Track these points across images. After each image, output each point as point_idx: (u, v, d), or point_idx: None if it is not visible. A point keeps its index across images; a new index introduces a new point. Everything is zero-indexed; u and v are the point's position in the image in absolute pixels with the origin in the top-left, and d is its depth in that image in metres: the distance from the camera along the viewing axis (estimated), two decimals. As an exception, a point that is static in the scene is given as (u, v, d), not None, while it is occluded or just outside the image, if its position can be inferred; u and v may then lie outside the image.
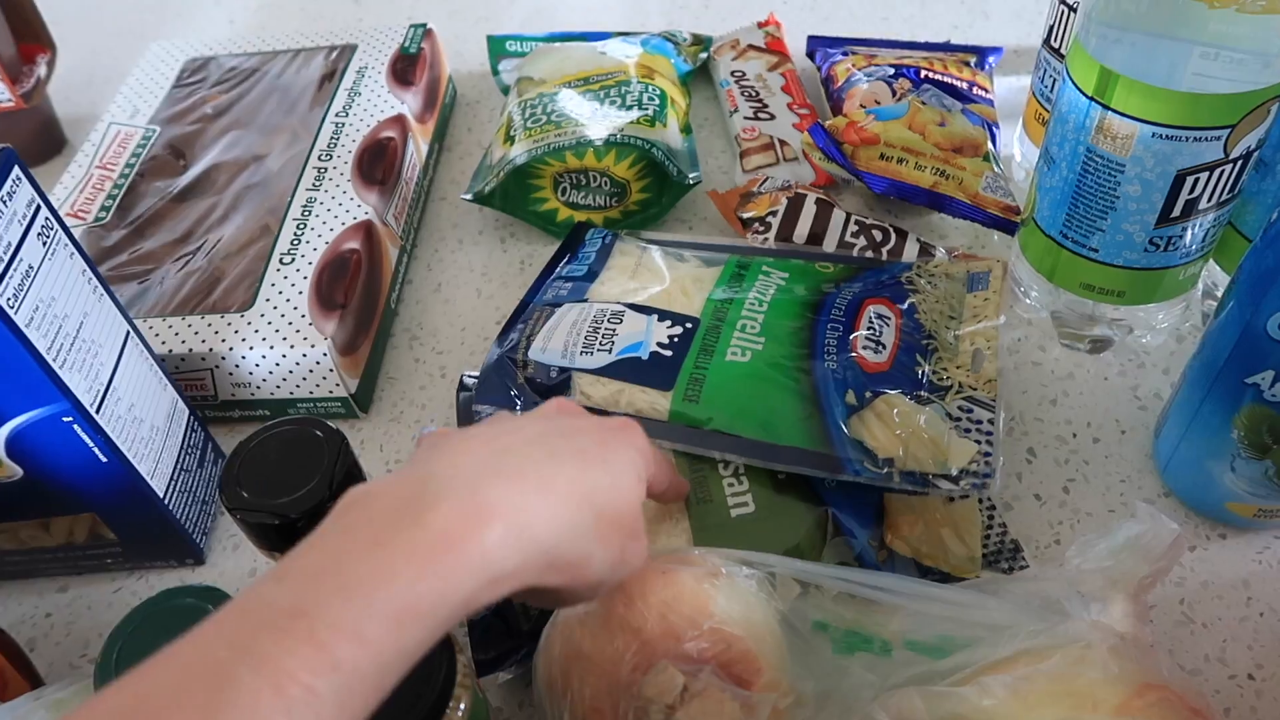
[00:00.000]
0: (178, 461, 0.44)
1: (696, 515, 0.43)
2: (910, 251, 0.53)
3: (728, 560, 0.37)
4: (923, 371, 0.45)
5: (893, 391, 0.44)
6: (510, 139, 0.59)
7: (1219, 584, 0.42)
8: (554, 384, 0.46)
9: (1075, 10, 0.50)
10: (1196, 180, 0.41)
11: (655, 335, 0.47)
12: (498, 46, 0.71)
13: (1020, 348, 0.52)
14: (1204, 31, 0.37)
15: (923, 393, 0.44)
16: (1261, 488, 0.41)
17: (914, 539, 0.42)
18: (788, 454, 0.42)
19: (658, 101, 0.60)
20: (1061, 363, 0.51)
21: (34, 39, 0.68)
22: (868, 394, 0.44)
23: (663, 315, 0.48)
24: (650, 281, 0.51)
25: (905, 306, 0.48)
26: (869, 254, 0.54)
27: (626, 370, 0.45)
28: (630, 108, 0.59)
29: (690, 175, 0.57)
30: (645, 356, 0.46)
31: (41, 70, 0.68)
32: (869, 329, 0.46)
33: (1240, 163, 0.41)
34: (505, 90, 0.70)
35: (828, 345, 0.46)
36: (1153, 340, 0.51)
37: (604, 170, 0.57)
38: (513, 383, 0.47)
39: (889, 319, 0.47)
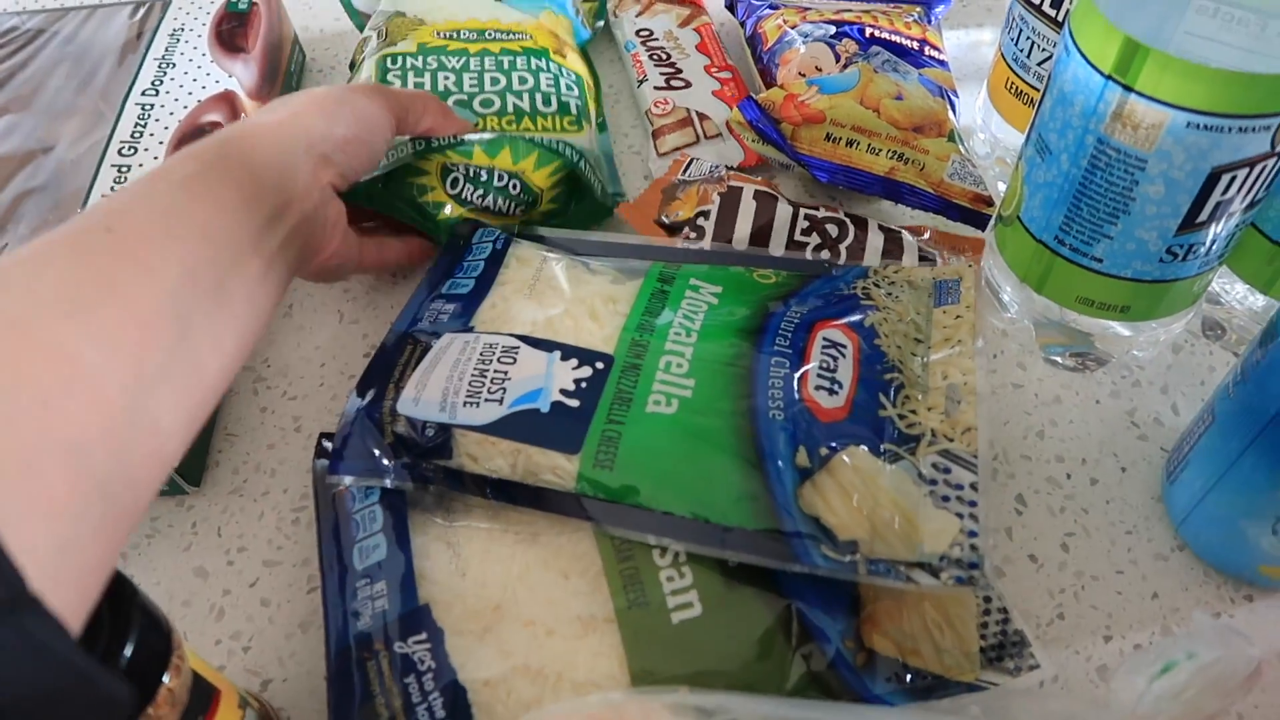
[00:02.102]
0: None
1: (629, 623, 0.33)
2: (874, 245, 0.44)
3: (676, 712, 0.28)
4: (889, 415, 0.36)
5: (853, 445, 0.35)
6: None
7: (1251, 660, 0.35)
8: (431, 445, 0.36)
9: (1061, -42, 0.41)
10: (1234, 179, 0.33)
11: (558, 380, 0.36)
12: None
13: (998, 365, 0.44)
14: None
15: (889, 444, 0.35)
16: (1308, 552, 0.34)
17: (898, 633, 0.34)
18: (726, 536, 0.33)
19: (577, 92, 0.49)
20: (1046, 384, 0.43)
21: None
22: (822, 451, 0.35)
23: (567, 352, 0.37)
24: (552, 302, 0.41)
25: (864, 329, 0.39)
26: (824, 253, 0.44)
27: (522, 427, 0.35)
28: (548, 96, 0.48)
29: (613, 195, 0.48)
30: (545, 408, 0.35)
31: None
32: (822, 363, 0.37)
33: (1283, 156, 0.33)
34: (360, 25, 0.57)
35: (772, 386, 0.36)
36: (1147, 354, 0.43)
37: (518, 174, 0.45)
38: (378, 445, 0.36)
39: (845, 348, 0.38)
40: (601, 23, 0.59)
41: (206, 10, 0.52)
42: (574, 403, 0.36)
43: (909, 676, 0.33)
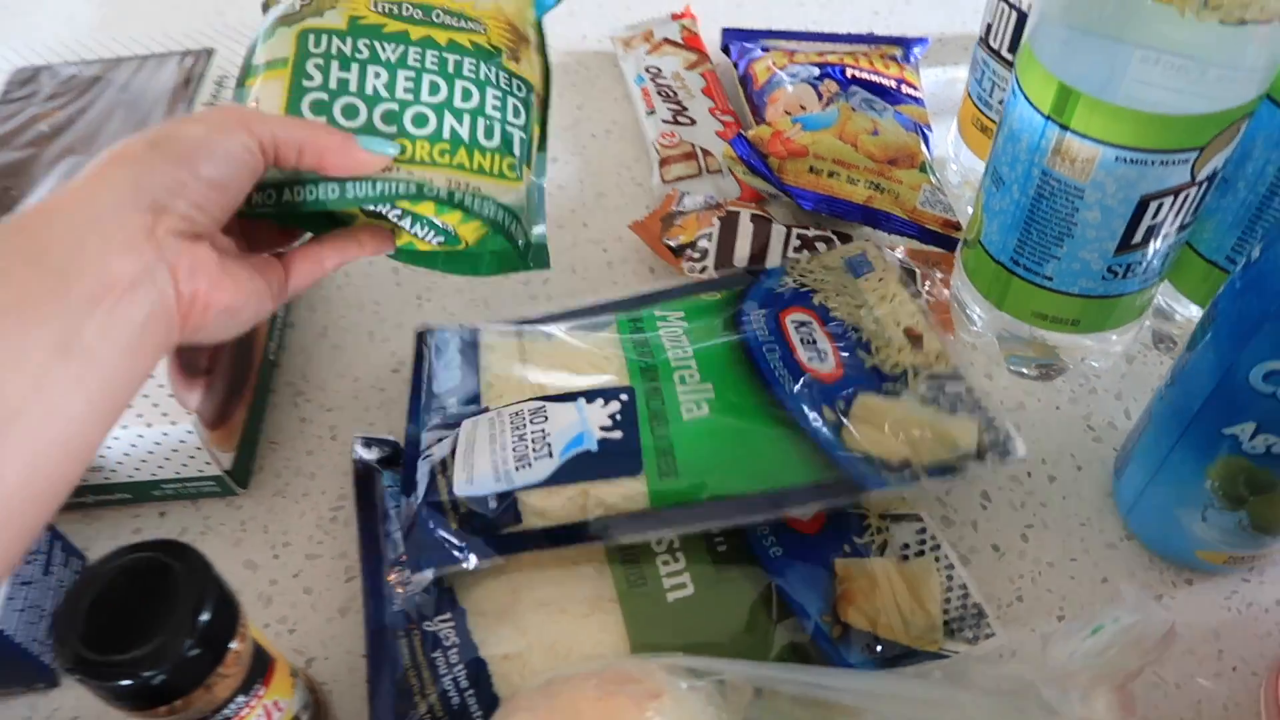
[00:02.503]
0: (15, 573, 0.37)
1: (630, 602, 0.38)
2: (842, 247, 0.50)
3: (671, 671, 0.33)
4: (874, 365, 0.42)
5: (860, 393, 0.41)
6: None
7: (1190, 636, 0.39)
8: (497, 514, 0.38)
9: (1017, 9, 0.46)
10: (1160, 205, 0.38)
11: (594, 420, 0.40)
12: None
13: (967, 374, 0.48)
14: (1177, 41, 0.33)
15: (887, 385, 0.41)
16: (1234, 537, 0.38)
17: (870, 609, 0.38)
18: (800, 494, 0.38)
19: (523, 118, 0.39)
20: (1010, 391, 0.48)
21: None
22: (840, 404, 0.40)
23: (590, 396, 0.41)
24: (549, 364, 0.44)
25: (816, 306, 0.45)
26: (800, 259, 0.49)
27: (580, 469, 0.38)
28: (491, 125, 0.38)
29: (532, 260, 0.41)
30: (594, 447, 0.39)
31: None
32: (803, 341, 0.43)
33: (1206, 185, 0.38)
34: None
35: (777, 370, 0.42)
36: (1103, 364, 0.48)
37: (440, 224, 0.38)
38: (448, 531, 0.38)
39: (811, 324, 0.44)
40: None
41: (247, 59, 0.58)
42: (617, 434, 0.40)
43: (879, 647, 0.37)
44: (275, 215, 0.36)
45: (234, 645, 0.31)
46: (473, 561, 0.37)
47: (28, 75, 0.59)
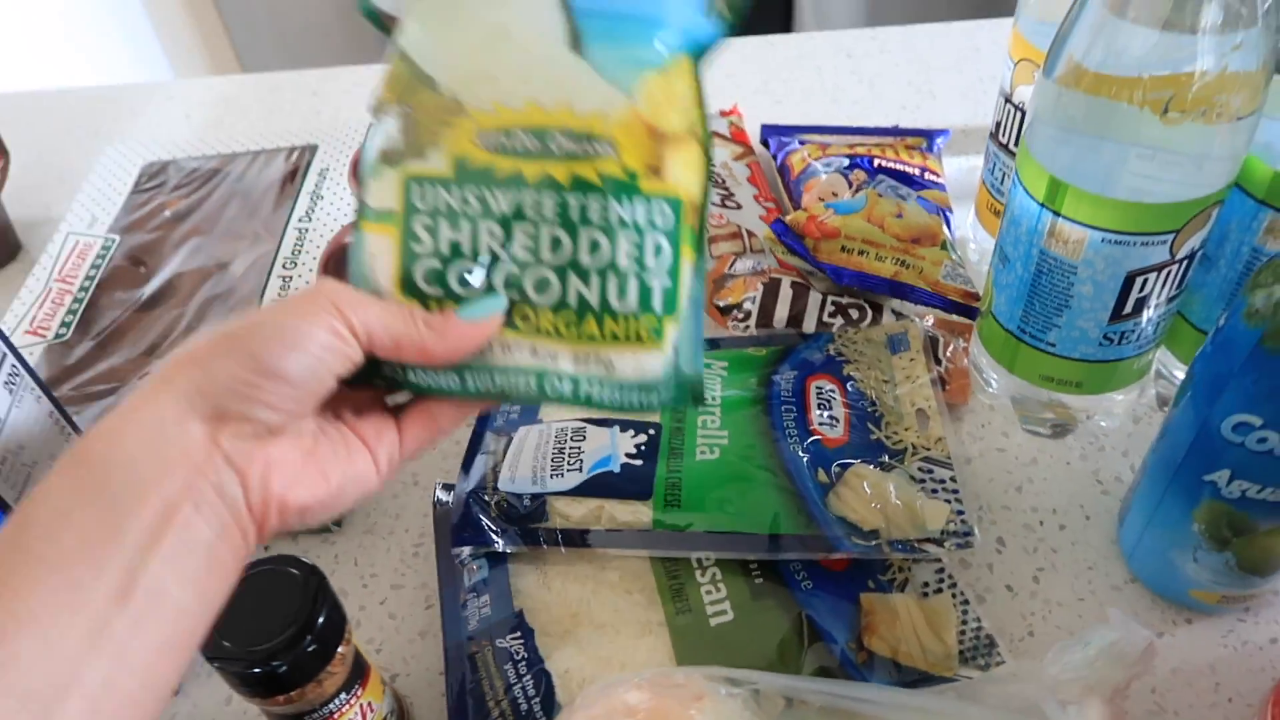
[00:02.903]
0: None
1: (676, 626, 0.43)
2: (889, 325, 0.55)
3: (711, 679, 0.38)
4: (878, 438, 0.47)
5: (857, 462, 0.46)
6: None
7: (1188, 670, 0.43)
8: (529, 511, 0.46)
9: (1020, 109, 0.52)
10: (1146, 280, 0.43)
11: (622, 446, 0.47)
12: None
13: (984, 434, 0.53)
14: (1151, 137, 0.39)
15: (884, 459, 0.47)
16: (1224, 577, 0.42)
17: (892, 638, 0.43)
18: (779, 542, 0.44)
19: (668, 255, 0.33)
20: (1025, 448, 0.52)
21: (-12, 146, 0.68)
22: (835, 468, 0.46)
23: (624, 425, 0.48)
24: None
25: (843, 376, 0.50)
26: (849, 330, 0.55)
27: (601, 486, 0.46)
28: (624, 281, 0.33)
29: (674, 401, 0.35)
30: (617, 469, 0.46)
31: (-5, 177, 0.67)
32: (820, 406, 0.48)
33: (1186, 262, 0.43)
34: (371, 14, 0.36)
35: (788, 429, 0.48)
36: (1111, 424, 0.52)
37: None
38: (487, 517, 0.46)
39: (834, 392, 0.49)
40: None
41: (345, 153, 0.66)
42: (638, 462, 0.46)
43: (900, 672, 0.42)
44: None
45: (341, 648, 0.37)
46: (501, 545, 0.45)
47: (157, 169, 0.68)
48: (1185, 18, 0.37)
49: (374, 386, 0.34)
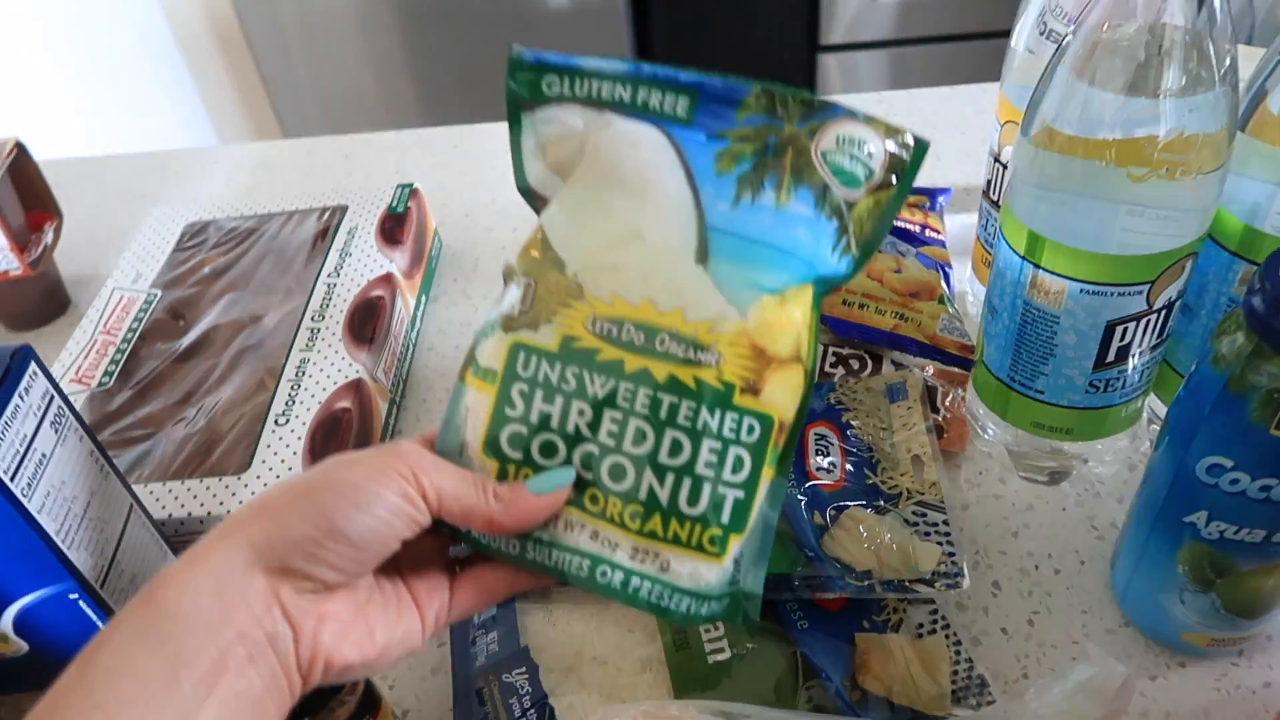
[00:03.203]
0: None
1: (676, 663, 0.44)
2: (888, 376, 0.57)
3: (706, 713, 0.39)
4: (874, 483, 0.49)
5: (853, 506, 0.47)
6: (498, 430, 0.35)
7: (1182, 715, 0.44)
8: None
9: (1007, 167, 0.55)
10: (1126, 329, 0.45)
11: None
12: (526, 87, 0.38)
13: (981, 481, 0.55)
14: (1122, 194, 0.41)
15: (879, 503, 0.48)
16: (1211, 619, 0.43)
17: (886, 677, 0.44)
18: (778, 582, 0.45)
19: (745, 471, 0.35)
20: (1021, 495, 0.54)
21: (42, 208, 0.72)
22: (831, 511, 0.47)
23: None
24: None
25: (842, 424, 0.52)
26: (850, 380, 0.57)
27: None
28: (697, 489, 0.34)
29: (724, 616, 0.36)
30: None
31: (48, 238, 0.72)
32: (818, 452, 0.50)
33: (1164, 312, 0.45)
34: (525, 192, 0.39)
35: (789, 474, 0.49)
36: (1105, 470, 0.53)
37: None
38: None
39: (831, 439, 0.51)
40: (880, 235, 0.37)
41: (373, 213, 0.70)
42: None
43: (894, 711, 0.43)
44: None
45: (352, 676, 0.39)
46: None
47: (198, 228, 0.72)
48: (1148, 82, 0.39)
49: (438, 533, 0.35)
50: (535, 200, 0.39)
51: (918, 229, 0.65)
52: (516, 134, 0.38)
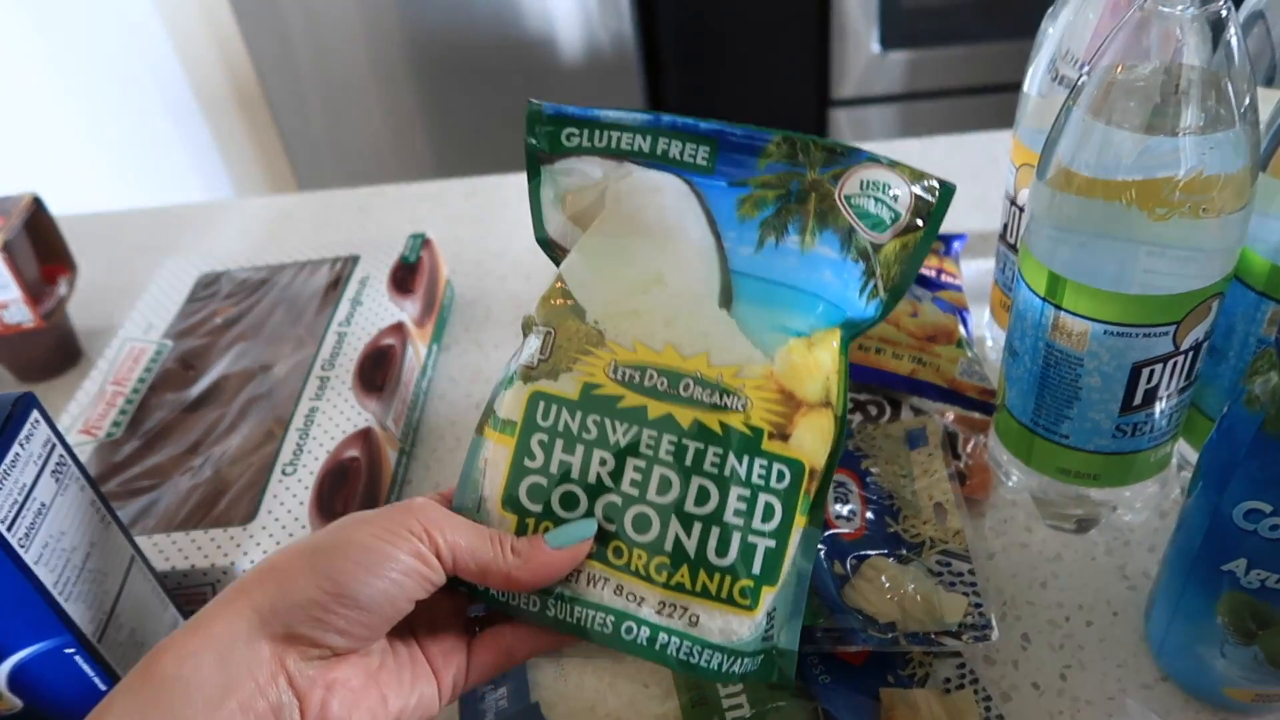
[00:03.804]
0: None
1: (693, 720, 0.43)
2: (907, 422, 0.56)
3: (723, 772, 0.37)
4: (895, 531, 0.47)
5: (875, 554, 0.46)
6: (516, 479, 0.35)
7: (1226, 774, 0.42)
8: None
9: (1024, 210, 0.54)
10: (1152, 371, 0.43)
11: None
12: (546, 139, 0.37)
13: (1007, 529, 0.53)
14: (1143, 234, 0.40)
15: (902, 551, 0.47)
16: (1254, 673, 0.41)
17: (913, 737, 0.42)
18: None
19: (777, 518, 0.34)
20: (1049, 543, 0.52)
21: (57, 261, 0.73)
22: (852, 561, 0.46)
23: None
24: None
25: (861, 470, 0.51)
26: (868, 426, 0.56)
27: None
28: (726, 538, 0.33)
29: (758, 675, 0.35)
30: None
31: (62, 290, 0.72)
32: (837, 500, 0.49)
33: (1192, 353, 0.43)
34: (547, 248, 0.39)
35: None
36: (1135, 518, 0.52)
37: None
38: None
39: (850, 486, 0.50)
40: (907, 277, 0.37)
41: (385, 263, 0.70)
42: None
43: (921, 772, 0.41)
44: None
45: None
46: None
47: (211, 279, 0.72)
48: (1165, 121, 0.38)
49: (455, 590, 0.34)
50: (555, 251, 0.39)
51: (934, 274, 0.65)
52: (536, 185, 0.38)
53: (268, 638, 0.29)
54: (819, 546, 0.47)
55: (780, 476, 0.33)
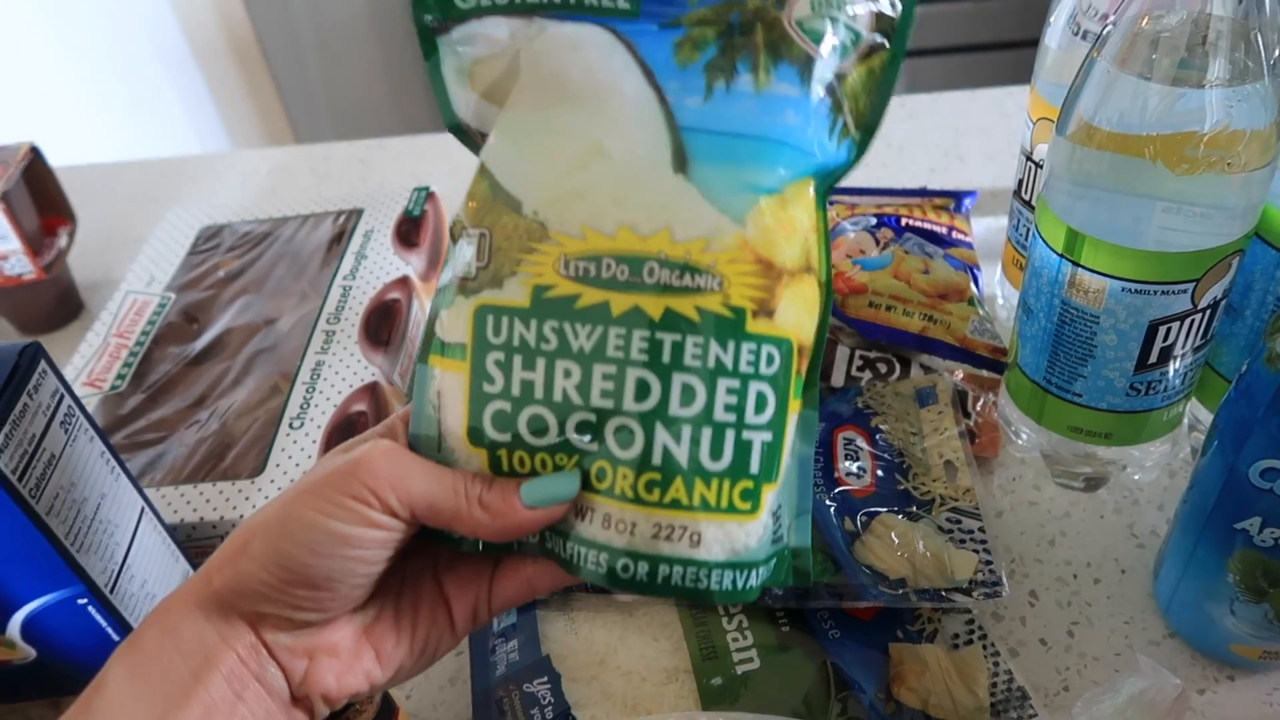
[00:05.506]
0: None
1: (702, 673, 0.43)
2: (916, 379, 0.56)
3: (734, 723, 0.38)
4: (905, 489, 0.47)
5: (884, 511, 0.46)
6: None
7: (1231, 729, 0.42)
8: None
9: (1040, 166, 0.53)
10: (1169, 329, 0.43)
11: None
12: (436, 6, 0.31)
13: (1015, 488, 0.53)
14: (1164, 190, 0.40)
15: (912, 509, 0.47)
16: (1263, 630, 0.41)
17: (921, 689, 0.42)
18: (804, 590, 0.44)
19: (769, 411, 0.30)
20: (1057, 502, 0.52)
21: (56, 212, 0.72)
22: (862, 518, 0.46)
23: None
24: None
25: (871, 428, 0.51)
26: (877, 384, 0.56)
27: None
28: (720, 437, 0.29)
29: (768, 581, 0.32)
30: None
31: (62, 241, 0.71)
32: (847, 457, 0.49)
33: (1209, 311, 0.43)
34: (456, 129, 0.34)
35: (815, 479, 0.48)
36: (1145, 477, 0.52)
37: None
38: None
39: (860, 443, 0.50)
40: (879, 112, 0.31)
41: (390, 216, 0.69)
42: None
43: (930, 725, 0.41)
44: None
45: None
46: None
47: (213, 232, 0.71)
48: (1192, 73, 0.38)
49: (439, 544, 0.31)
50: (471, 137, 0.33)
51: (945, 231, 0.64)
52: (435, 63, 0.32)
53: (237, 615, 0.29)
54: (829, 503, 0.47)
55: (769, 360, 0.29)
